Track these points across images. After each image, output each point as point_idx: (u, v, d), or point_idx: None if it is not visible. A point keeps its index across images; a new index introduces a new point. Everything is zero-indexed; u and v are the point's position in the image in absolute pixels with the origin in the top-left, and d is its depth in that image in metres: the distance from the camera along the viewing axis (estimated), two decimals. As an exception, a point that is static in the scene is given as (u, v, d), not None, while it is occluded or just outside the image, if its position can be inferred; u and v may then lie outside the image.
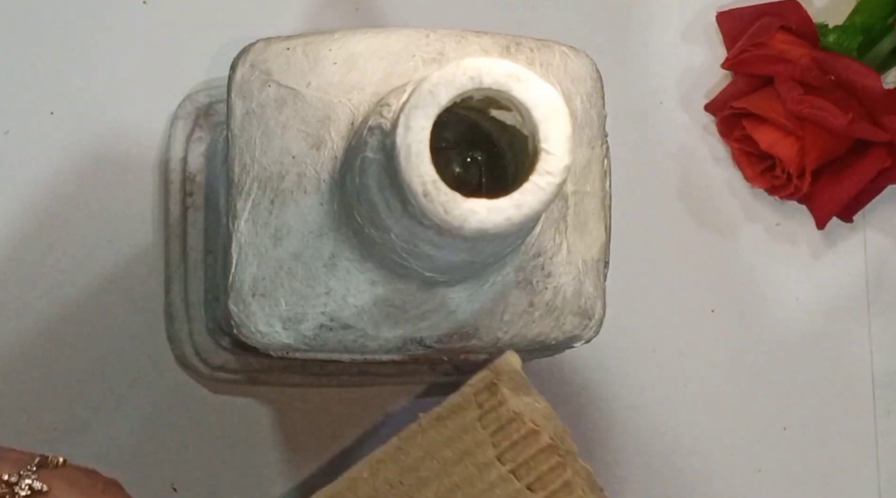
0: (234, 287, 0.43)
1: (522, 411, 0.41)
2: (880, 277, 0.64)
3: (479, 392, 0.41)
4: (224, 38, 0.57)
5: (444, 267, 0.42)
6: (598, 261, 0.46)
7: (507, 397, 0.41)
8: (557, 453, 0.41)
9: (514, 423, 0.41)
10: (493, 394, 0.41)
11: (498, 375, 0.41)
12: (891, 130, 0.59)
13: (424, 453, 0.41)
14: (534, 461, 0.41)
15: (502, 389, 0.41)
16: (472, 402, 0.41)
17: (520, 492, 0.41)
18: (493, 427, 0.41)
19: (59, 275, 0.55)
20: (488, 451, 0.41)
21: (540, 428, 0.41)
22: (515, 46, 0.45)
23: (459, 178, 0.45)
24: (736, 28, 0.62)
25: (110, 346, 0.55)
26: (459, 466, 0.41)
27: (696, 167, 0.62)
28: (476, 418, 0.41)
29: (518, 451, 0.41)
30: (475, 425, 0.41)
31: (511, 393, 0.41)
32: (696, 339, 0.61)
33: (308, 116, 0.44)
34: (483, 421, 0.41)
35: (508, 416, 0.41)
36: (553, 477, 0.41)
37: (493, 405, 0.41)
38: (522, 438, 0.41)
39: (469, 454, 0.41)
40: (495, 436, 0.41)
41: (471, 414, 0.41)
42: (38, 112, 0.56)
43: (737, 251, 0.62)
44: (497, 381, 0.41)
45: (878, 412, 0.63)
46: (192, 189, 0.55)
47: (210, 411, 0.56)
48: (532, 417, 0.41)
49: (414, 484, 0.41)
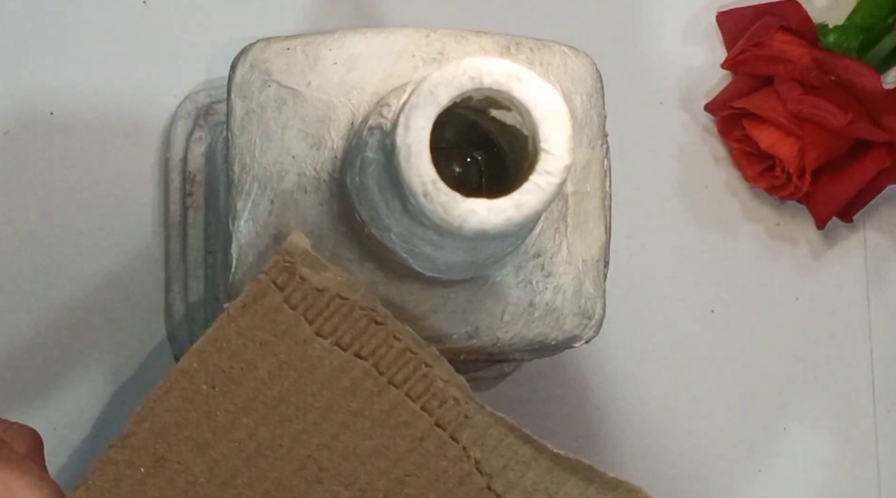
0: (234, 287, 0.43)
1: (327, 287, 0.41)
2: (880, 277, 0.64)
3: (277, 276, 0.41)
4: (224, 38, 0.57)
5: (444, 267, 0.42)
6: (598, 261, 0.46)
7: (306, 275, 0.41)
8: (373, 320, 0.41)
9: (321, 298, 0.41)
10: (291, 275, 0.41)
11: (291, 257, 0.41)
12: (891, 130, 0.59)
13: (244, 338, 0.41)
14: (353, 330, 0.41)
15: (299, 268, 0.41)
16: (271, 286, 0.41)
17: (348, 361, 0.41)
18: (302, 306, 0.41)
19: (58, 275, 0.55)
20: (304, 328, 0.41)
21: (348, 298, 0.41)
22: (515, 46, 0.45)
23: (459, 178, 0.45)
24: (736, 28, 0.62)
25: (110, 345, 0.55)
26: (281, 345, 0.41)
27: (696, 167, 0.63)
28: (281, 301, 0.41)
29: (334, 324, 0.41)
30: (282, 307, 0.41)
31: (310, 271, 0.41)
32: (696, 339, 0.61)
33: (308, 116, 0.44)
34: (289, 301, 0.41)
35: (313, 293, 0.41)
36: (377, 342, 0.41)
37: (296, 286, 0.41)
38: (335, 312, 0.41)
39: (286, 334, 0.41)
40: (307, 313, 0.41)
41: (275, 297, 0.41)
42: (38, 112, 0.56)
43: (737, 251, 0.62)
44: (291, 262, 0.41)
45: (878, 412, 0.63)
46: (192, 189, 0.55)
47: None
48: (338, 291, 0.41)
49: (244, 367, 0.41)
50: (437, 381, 0.42)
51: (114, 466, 0.41)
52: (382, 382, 0.41)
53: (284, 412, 0.41)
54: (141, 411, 0.41)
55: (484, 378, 0.58)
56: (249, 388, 0.41)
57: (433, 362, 0.42)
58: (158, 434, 0.41)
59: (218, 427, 0.41)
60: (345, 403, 0.41)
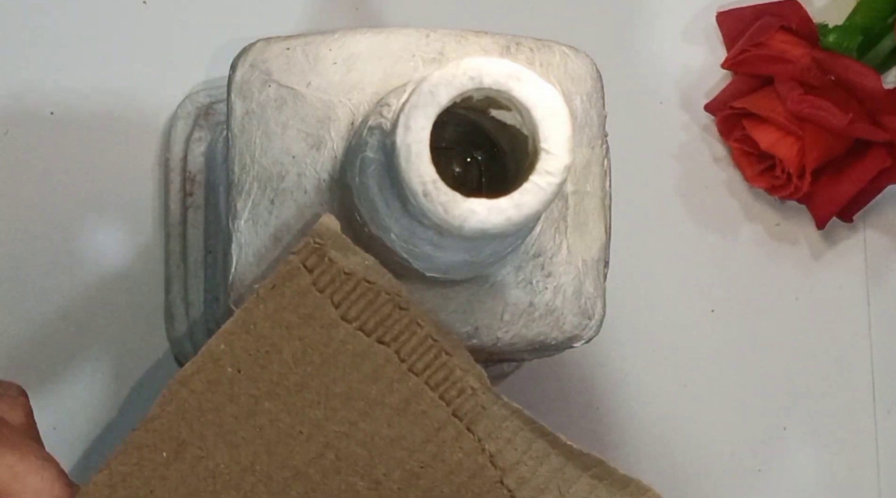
0: (234, 287, 0.43)
1: (355, 270, 0.41)
2: (880, 277, 0.64)
3: (307, 258, 0.41)
4: (224, 38, 0.57)
5: (444, 267, 0.42)
6: (598, 261, 0.46)
7: (336, 259, 0.41)
8: (398, 306, 0.41)
9: (348, 282, 0.41)
10: (321, 258, 0.41)
11: (321, 239, 0.41)
12: (891, 130, 0.59)
13: (271, 322, 0.41)
14: (377, 315, 0.41)
15: (329, 251, 0.41)
16: (300, 268, 0.41)
17: (371, 347, 0.41)
18: (330, 289, 0.41)
19: (58, 275, 0.55)
20: (330, 311, 0.41)
21: (374, 283, 0.41)
22: (515, 46, 0.45)
23: (459, 178, 0.45)
24: (736, 28, 0.62)
25: (110, 345, 0.55)
26: (307, 329, 0.41)
27: (696, 167, 0.63)
28: (310, 283, 0.41)
29: (360, 308, 0.41)
30: (310, 289, 0.41)
31: (339, 254, 0.41)
32: (696, 339, 0.61)
33: (308, 116, 0.44)
34: (318, 284, 0.41)
35: (341, 276, 0.41)
36: (400, 328, 0.41)
37: (324, 268, 0.41)
38: (361, 296, 0.41)
39: (312, 317, 0.41)
40: (334, 297, 0.41)
41: (303, 279, 0.41)
42: (38, 112, 0.56)
43: (737, 251, 0.62)
44: (322, 244, 0.41)
45: (878, 412, 0.63)
46: (192, 189, 0.55)
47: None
48: (365, 275, 0.41)
49: (270, 349, 0.41)
50: (457, 370, 0.42)
51: (137, 450, 0.41)
52: (403, 370, 0.41)
53: (306, 398, 0.41)
54: (166, 394, 0.41)
55: (484, 378, 0.58)
56: (273, 372, 0.41)
57: (453, 350, 0.42)
58: (182, 417, 0.41)
59: (240, 412, 0.41)
60: (365, 389, 0.41)
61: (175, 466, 0.41)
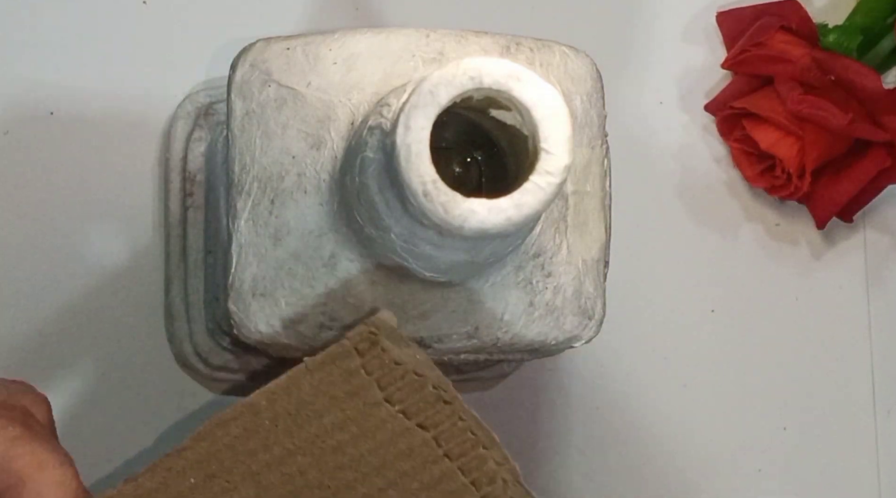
0: (234, 287, 0.43)
1: (405, 361, 0.42)
2: (880, 277, 0.64)
3: (359, 342, 0.42)
4: (224, 38, 0.57)
5: (444, 267, 0.42)
6: (598, 261, 0.46)
7: (388, 348, 0.42)
8: (443, 400, 0.42)
9: (397, 370, 0.42)
10: (373, 344, 0.42)
11: (377, 329, 0.42)
12: (891, 130, 0.59)
13: (315, 390, 0.42)
14: (421, 403, 0.42)
15: (382, 340, 0.42)
16: (352, 351, 0.42)
17: (410, 429, 0.42)
18: (378, 373, 0.42)
19: (58, 274, 0.55)
20: (375, 393, 0.42)
21: (423, 376, 0.42)
22: (515, 46, 0.45)
23: (459, 178, 0.45)
24: (736, 28, 0.62)
25: (110, 345, 0.55)
26: (350, 403, 0.42)
27: (696, 167, 0.63)
28: (359, 366, 0.42)
29: (405, 394, 0.42)
30: (359, 371, 0.42)
31: (392, 344, 0.42)
32: (696, 339, 0.61)
33: (308, 116, 0.44)
34: (367, 368, 0.42)
35: (391, 364, 0.42)
36: (440, 418, 0.42)
37: (375, 355, 0.42)
38: (407, 384, 0.42)
39: (357, 395, 0.42)
40: (381, 381, 0.42)
41: (353, 361, 0.42)
42: (38, 112, 0.56)
43: (737, 251, 0.62)
44: (377, 333, 0.42)
45: (878, 412, 0.63)
46: (192, 189, 0.55)
47: (210, 411, 0.56)
48: (415, 367, 0.42)
49: (310, 414, 0.42)
50: (491, 461, 0.42)
51: (165, 472, 0.41)
52: (439, 453, 0.42)
53: (339, 460, 0.42)
54: (201, 431, 0.42)
55: (484, 378, 0.58)
56: (311, 432, 0.42)
57: (490, 445, 0.42)
58: (213, 454, 0.42)
59: (272, 459, 0.42)
60: (399, 463, 0.42)
61: (200, 493, 0.42)
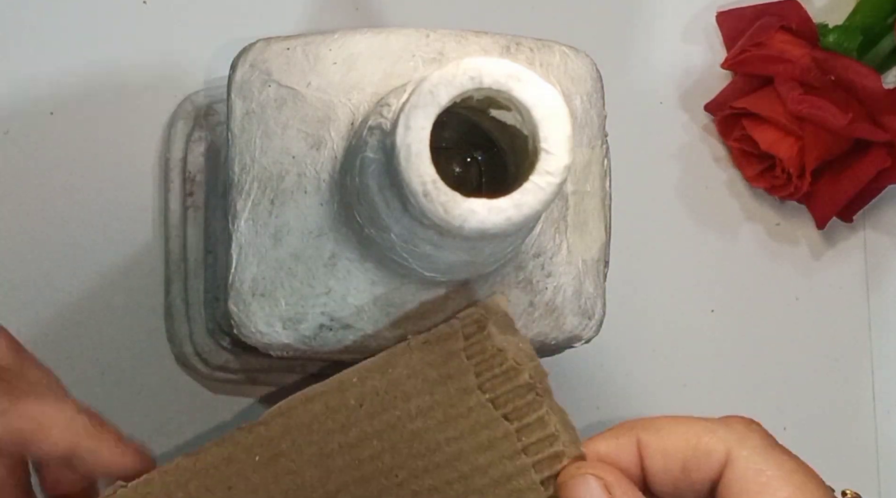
0: (234, 287, 0.43)
1: (506, 348, 0.42)
2: (880, 277, 0.64)
3: (467, 325, 0.43)
4: (224, 38, 0.57)
5: (444, 267, 0.42)
6: (598, 261, 0.46)
7: (493, 334, 0.42)
8: (535, 391, 0.43)
9: (497, 357, 0.43)
10: (480, 328, 0.43)
11: (487, 312, 0.43)
12: (891, 130, 0.59)
13: (410, 371, 0.42)
14: (512, 394, 0.43)
15: (490, 325, 0.43)
16: (459, 332, 0.43)
17: (495, 419, 0.42)
18: (477, 359, 0.42)
19: (59, 275, 0.55)
20: (470, 379, 0.42)
21: (521, 366, 0.42)
22: (515, 46, 0.45)
23: (459, 178, 0.45)
24: (736, 28, 0.62)
25: (110, 345, 0.55)
26: (442, 387, 0.42)
27: (696, 167, 0.63)
28: (461, 348, 0.43)
29: (498, 383, 0.43)
30: (460, 354, 0.42)
31: (497, 330, 0.42)
32: (696, 339, 0.61)
33: (308, 116, 0.44)
34: (468, 351, 0.42)
35: (492, 351, 0.42)
36: (528, 411, 0.43)
37: (479, 339, 0.43)
38: (503, 373, 0.43)
39: (452, 379, 0.42)
40: (478, 366, 0.43)
41: (457, 344, 0.43)
42: (38, 112, 0.56)
43: (737, 251, 0.62)
44: (486, 317, 0.43)
45: (878, 412, 0.63)
46: (192, 189, 0.55)
47: (210, 411, 0.56)
48: (515, 356, 0.42)
49: (399, 396, 0.42)
50: (565, 459, 0.43)
51: (232, 446, 0.42)
52: (517, 448, 0.43)
53: (414, 448, 0.42)
54: (282, 405, 0.42)
55: (484, 378, 0.58)
56: (394, 415, 0.42)
57: (569, 445, 0.43)
58: (288, 431, 0.42)
59: (347, 442, 0.42)
60: (474, 457, 0.42)
61: (262, 472, 0.42)
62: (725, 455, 0.41)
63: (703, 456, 0.41)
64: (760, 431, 0.43)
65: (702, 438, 0.42)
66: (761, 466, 0.42)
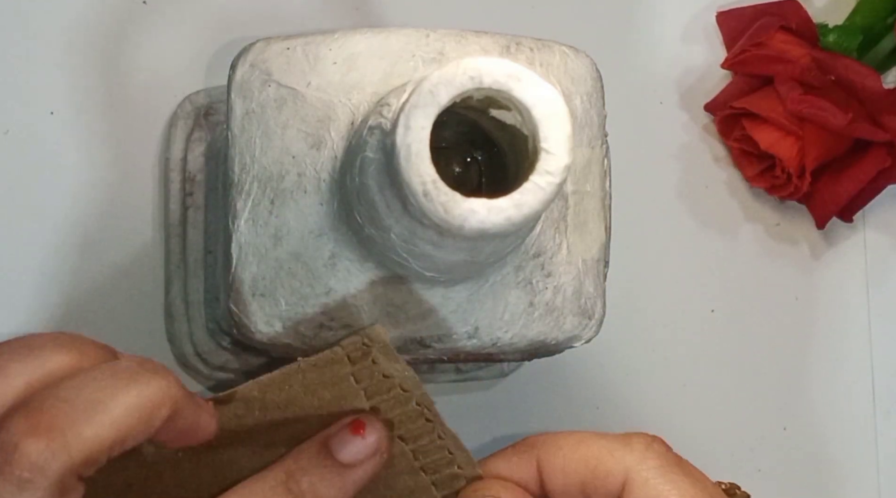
0: (234, 287, 0.43)
1: (393, 375, 0.43)
2: (880, 277, 0.64)
3: (352, 352, 0.43)
4: (224, 38, 0.57)
5: (444, 267, 0.42)
6: (598, 261, 0.46)
7: (378, 360, 0.43)
8: (426, 417, 0.43)
9: (385, 383, 0.43)
10: (365, 355, 0.43)
11: (370, 341, 0.43)
12: (891, 130, 0.59)
13: (305, 390, 0.43)
14: (405, 417, 0.43)
15: (374, 352, 0.43)
16: (344, 359, 0.43)
17: (390, 439, 0.43)
18: (366, 383, 0.43)
19: (58, 275, 0.55)
20: (362, 401, 0.43)
21: (409, 392, 0.43)
22: (515, 46, 0.45)
23: (459, 178, 0.45)
24: (736, 28, 0.62)
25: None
26: (336, 407, 0.43)
27: (696, 167, 0.63)
28: (349, 373, 0.43)
29: (390, 405, 0.43)
30: (349, 378, 0.43)
31: (383, 357, 0.43)
32: (696, 339, 0.61)
33: (308, 116, 0.44)
34: (356, 376, 0.43)
35: (379, 377, 0.43)
36: (421, 434, 0.43)
37: (366, 365, 0.43)
38: (393, 397, 0.43)
39: (344, 399, 0.43)
40: (368, 390, 0.43)
41: (344, 368, 0.43)
42: (38, 112, 0.56)
43: (737, 251, 0.62)
44: (370, 345, 0.43)
45: (878, 412, 0.63)
46: (192, 189, 0.55)
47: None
48: (401, 382, 0.43)
49: (297, 411, 0.43)
50: (463, 480, 0.44)
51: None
52: (415, 466, 0.44)
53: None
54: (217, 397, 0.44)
55: (484, 378, 0.58)
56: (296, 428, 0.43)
57: (465, 466, 0.44)
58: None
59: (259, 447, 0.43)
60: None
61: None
62: (624, 477, 0.41)
63: (602, 478, 0.41)
64: (661, 451, 0.42)
65: (601, 459, 0.41)
66: (660, 487, 0.41)
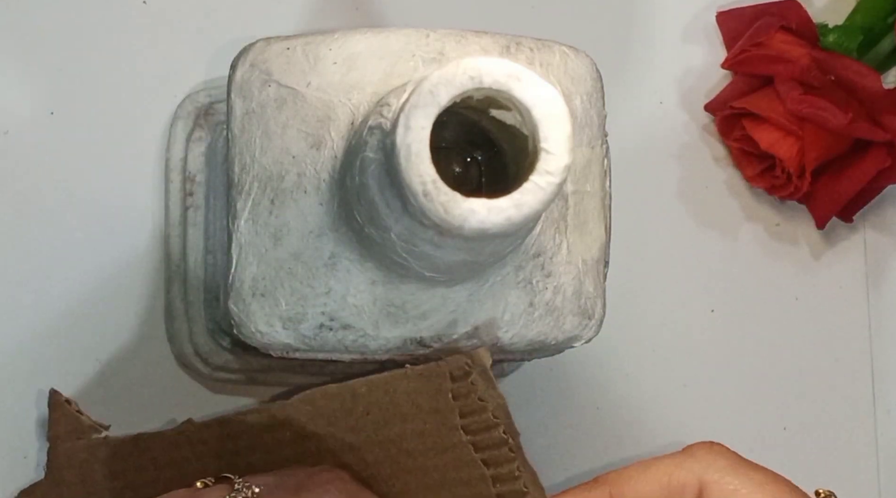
0: (234, 287, 0.43)
1: (487, 401, 0.44)
2: (880, 277, 0.64)
3: (455, 370, 0.44)
4: (224, 38, 0.57)
5: (444, 267, 0.42)
6: (598, 261, 0.46)
7: (476, 382, 0.44)
8: (509, 446, 0.44)
9: (478, 405, 0.44)
10: (466, 375, 0.44)
11: (472, 363, 0.44)
12: (891, 130, 0.59)
13: (407, 396, 0.44)
14: (489, 442, 0.44)
15: (474, 375, 0.44)
16: (446, 374, 0.44)
17: (474, 461, 0.44)
18: (462, 401, 0.44)
19: (58, 275, 0.55)
20: (455, 418, 0.44)
21: (498, 420, 0.44)
22: (515, 46, 0.45)
23: (459, 178, 0.45)
24: (736, 28, 0.62)
25: (110, 345, 0.55)
26: (432, 418, 0.44)
27: (696, 167, 0.63)
28: (448, 389, 0.44)
29: (478, 429, 0.44)
30: (447, 394, 0.44)
31: (481, 380, 0.44)
32: (696, 339, 0.61)
33: (308, 116, 0.44)
34: (454, 392, 0.44)
35: (475, 399, 0.44)
36: (502, 462, 0.44)
37: (464, 385, 0.44)
38: (483, 421, 0.44)
39: (439, 413, 0.44)
40: (462, 409, 0.44)
41: (445, 383, 0.44)
42: (38, 112, 0.56)
43: (737, 251, 0.62)
44: (471, 366, 0.44)
45: (878, 412, 0.63)
46: (192, 189, 0.55)
47: (210, 411, 0.56)
48: (493, 410, 0.44)
49: (398, 415, 0.45)
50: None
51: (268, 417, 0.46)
52: (492, 492, 0.45)
53: (409, 464, 0.45)
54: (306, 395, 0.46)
55: (484, 378, 0.58)
56: (394, 431, 0.45)
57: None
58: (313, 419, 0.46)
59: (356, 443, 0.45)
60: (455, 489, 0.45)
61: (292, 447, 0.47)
62: (698, 484, 0.42)
63: (678, 492, 0.42)
64: (724, 452, 0.44)
65: (672, 475, 0.42)
66: (734, 484, 0.42)
